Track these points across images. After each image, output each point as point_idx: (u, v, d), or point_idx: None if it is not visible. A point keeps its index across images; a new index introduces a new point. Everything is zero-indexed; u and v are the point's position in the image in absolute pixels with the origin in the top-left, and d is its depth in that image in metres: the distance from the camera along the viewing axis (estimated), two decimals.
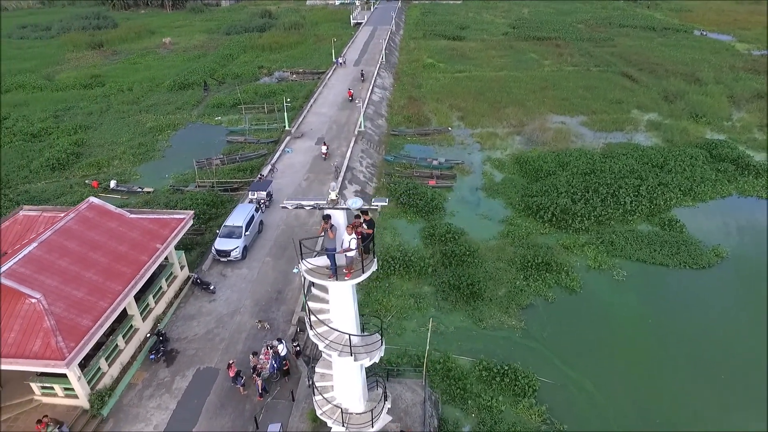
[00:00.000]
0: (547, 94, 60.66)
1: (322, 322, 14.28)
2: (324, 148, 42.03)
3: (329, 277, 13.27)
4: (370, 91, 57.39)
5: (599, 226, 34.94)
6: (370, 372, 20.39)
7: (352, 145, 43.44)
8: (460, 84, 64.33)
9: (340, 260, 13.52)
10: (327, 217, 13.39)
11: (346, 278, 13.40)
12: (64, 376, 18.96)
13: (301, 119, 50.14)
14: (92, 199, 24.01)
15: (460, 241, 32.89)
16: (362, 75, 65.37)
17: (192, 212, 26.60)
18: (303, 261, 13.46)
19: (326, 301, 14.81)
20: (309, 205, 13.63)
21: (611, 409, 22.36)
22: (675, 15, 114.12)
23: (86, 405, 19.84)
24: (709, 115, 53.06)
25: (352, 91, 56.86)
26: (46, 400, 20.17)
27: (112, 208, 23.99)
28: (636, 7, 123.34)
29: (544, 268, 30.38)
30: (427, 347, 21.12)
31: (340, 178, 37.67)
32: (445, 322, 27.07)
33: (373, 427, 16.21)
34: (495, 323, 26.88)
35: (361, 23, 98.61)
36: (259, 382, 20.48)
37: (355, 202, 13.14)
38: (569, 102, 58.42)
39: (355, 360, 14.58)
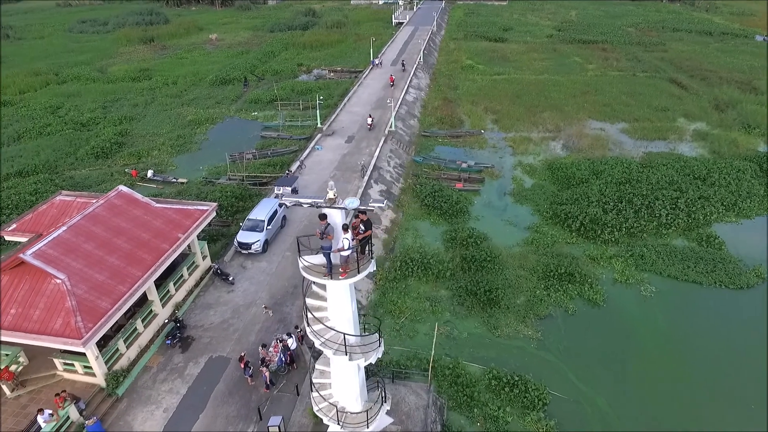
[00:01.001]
0: (587, 99, 58.83)
1: (318, 320, 14.38)
2: (369, 120, 47.38)
3: (324, 276, 13.33)
4: (404, 91, 57.30)
5: (630, 238, 33.54)
6: (372, 372, 20.49)
7: (381, 144, 43.49)
8: (497, 86, 63.27)
9: (336, 259, 13.54)
10: (323, 216, 13.46)
11: (341, 277, 13.41)
12: (84, 354, 19.90)
13: (333, 117, 50.65)
14: (121, 187, 25.10)
15: (482, 246, 32.33)
16: (403, 65, 67.88)
17: (215, 204, 27.34)
18: (300, 258, 13.58)
19: (325, 299, 14.89)
20: (307, 203, 13.74)
21: (624, 430, 21.43)
22: (736, 19, 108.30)
23: (103, 384, 20.76)
24: (763, 127, 50.00)
25: (393, 77, 61.08)
26: (67, 375, 21.25)
27: (138, 196, 25.00)
28: (693, 11, 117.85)
29: (566, 278, 29.45)
30: (433, 351, 20.89)
31: (366, 177, 37.80)
32: (459, 327, 26.69)
33: (368, 427, 16.17)
34: (510, 332, 26.27)
35: (403, 23, 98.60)
36: (267, 375, 20.84)
37: (352, 202, 13.13)
38: (611, 108, 56.45)
39: (350, 359, 14.59)
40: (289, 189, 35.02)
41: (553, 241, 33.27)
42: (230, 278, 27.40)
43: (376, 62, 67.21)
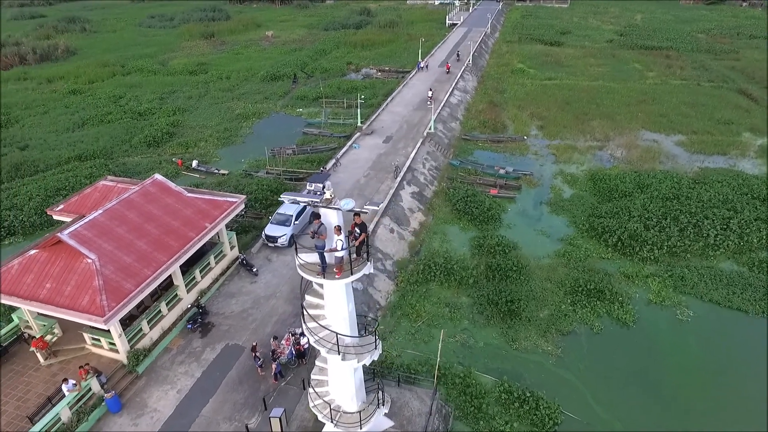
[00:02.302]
0: (642, 109, 55.97)
1: (312, 318, 14.54)
2: (430, 93, 53.58)
3: (317, 275, 13.46)
4: (448, 93, 56.71)
5: (671, 257, 31.63)
6: (376, 374, 20.45)
7: (418, 146, 43.28)
8: (546, 92, 61.39)
9: (331, 259, 13.62)
10: (316, 215, 13.59)
11: (336, 277, 13.49)
12: (109, 331, 21.12)
13: (374, 116, 50.92)
14: (157, 175, 26.39)
15: (509, 255, 31.54)
16: (458, 55, 69.70)
17: (244, 197, 28.17)
18: (296, 256, 13.78)
19: (323, 297, 15.03)
20: (304, 202, 13.90)
21: None
22: None
23: (125, 360, 21.94)
24: None
25: (449, 65, 65.86)
26: (94, 350, 22.63)
27: (171, 185, 26.19)
28: None
29: (595, 295, 28.19)
30: (439, 358, 20.58)
31: (399, 178, 37.75)
32: (476, 336, 26.16)
33: (361, 428, 16.18)
34: (529, 345, 25.46)
35: (456, 24, 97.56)
36: (273, 366, 21.29)
37: (347, 204, 13.17)
38: (667, 119, 53.45)
39: (343, 359, 14.65)
40: (321, 185, 35.83)
41: (586, 255, 31.91)
42: (254, 269, 28.18)
43: (422, 65, 66.59)
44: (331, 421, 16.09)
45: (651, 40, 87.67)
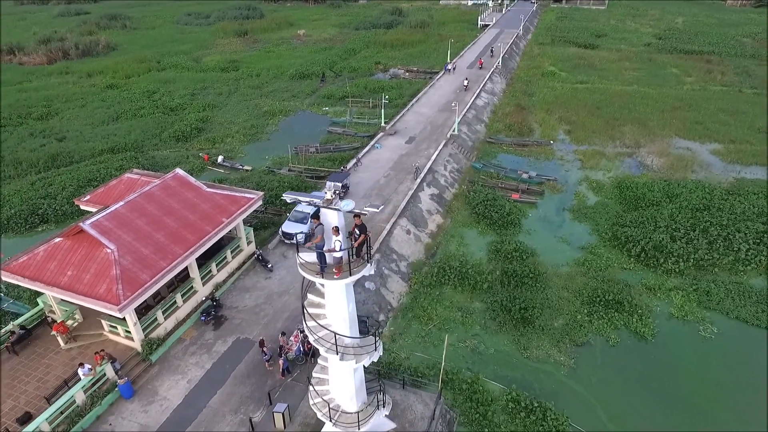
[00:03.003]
0: (677, 115, 54.06)
1: (311, 317, 14.64)
2: (465, 82, 57.56)
3: (317, 274, 13.55)
4: (475, 95, 56.13)
5: (697, 270, 30.46)
6: (382, 375, 20.43)
7: (440, 148, 43.00)
8: (577, 96, 60.00)
9: (330, 259, 13.67)
10: (315, 216, 13.67)
11: (335, 277, 13.54)
12: (124, 319, 21.80)
13: (399, 117, 50.85)
14: (178, 170, 27.07)
15: (526, 261, 31.01)
16: (491, 52, 71.07)
17: (261, 193, 28.56)
18: (297, 255, 13.89)
19: (324, 296, 15.10)
20: (305, 201, 13.98)
21: None
22: None
23: (139, 348, 22.61)
24: None
25: (482, 60, 68.00)
26: (111, 337, 23.40)
27: (192, 180, 26.81)
28: None
29: (614, 306, 27.40)
30: (443, 363, 20.38)
31: (418, 180, 37.59)
32: (486, 342, 25.81)
33: (359, 429, 16.19)
34: (540, 354, 24.96)
35: (488, 25, 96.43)
36: (280, 362, 21.54)
37: (347, 205, 13.18)
38: (703, 126, 51.48)
39: (341, 359, 14.69)
40: (340, 184, 36.12)
41: (606, 265, 31.06)
42: (269, 265, 28.57)
43: (449, 67, 65.85)
44: (330, 420, 16.17)
45: (691, 44, 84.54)
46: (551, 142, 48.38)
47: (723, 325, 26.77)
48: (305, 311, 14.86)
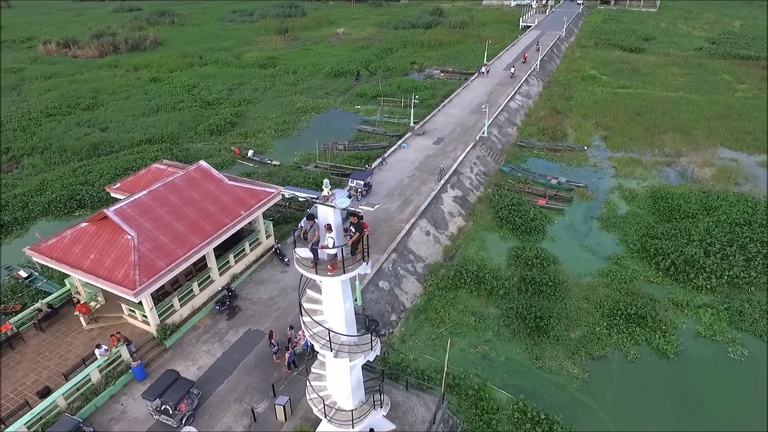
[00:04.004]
0: (725, 124, 51.31)
1: (306, 312, 14.70)
2: (512, 70, 61.90)
3: (310, 270, 13.59)
4: (509, 97, 55.06)
5: (731, 288, 28.81)
6: (379, 375, 20.34)
7: (467, 150, 42.40)
8: (617, 101, 57.88)
9: (324, 256, 13.68)
10: (311, 217, 13.78)
11: (328, 274, 13.54)
12: (141, 304, 22.57)
13: (429, 117, 50.49)
14: (202, 162, 27.81)
15: (547, 269, 30.18)
16: (538, 45, 72.14)
17: (281, 188, 28.87)
18: (294, 251, 13.97)
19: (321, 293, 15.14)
20: (303, 197, 14.04)
21: None
22: None
23: (154, 333, 23.36)
24: None
25: (527, 55, 70.24)
26: (130, 320, 24.29)
27: (214, 172, 27.48)
28: None
29: (636, 320, 26.28)
30: (446, 367, 20.06)
31: (442, 181, 37.20)
32: (498, 349, 25.27)
33: (353, 427, 16.16)
34: (554, 366, 24.22)
35: (530, 27, 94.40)
36: (287, 355, 21.78)
37: (342, 203, 13.15)
38: (753, 137, 48.69)
39: (335, 356, 14.69)
40: (362, 182, 36.15)
41: (632, 277, 29.82)
42: (286, 260, 28.95)
43: (483, 70, 64.46)
44: (325, 416, 16.21)
45: (748, 49, 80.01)
46: (585, 147, 46.87)
47: (755, 348, 25.21)
48: (302, 307, 14.95)
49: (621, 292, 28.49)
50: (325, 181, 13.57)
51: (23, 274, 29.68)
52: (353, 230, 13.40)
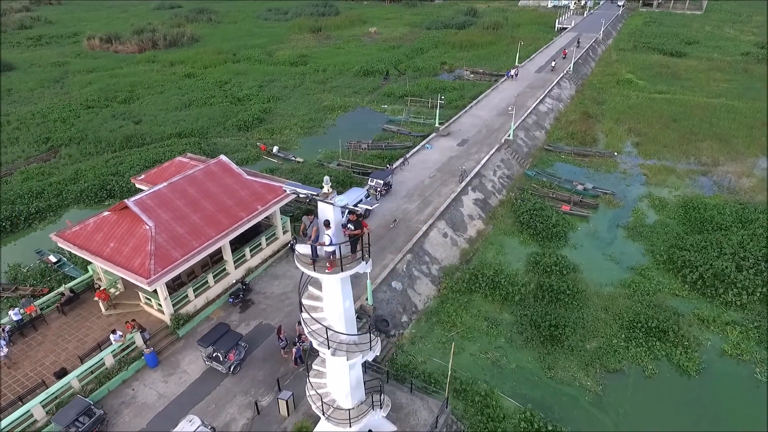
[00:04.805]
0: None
1: (305, 309, 14.69)
2: (553, 63, 64.20)
3: (309, 265, 13.58)
4: (538, 100, 53.91)
5: (763, 306, 27.33)
6: (385, 375, 20.18)
7: (492, 152, 41.72)
8: (653, 106, 55.85)
9: (322, 253, 13.64)
10: (307, 213, 13.73)
11: (326, 271, 13.49)
12: (156, 292, 23.13)
13: (455, 119, 49.96)
14: (222, 156, 28.28)
15: (566, 277, 29.37)
16: (578, 42, 73.77)
17: (283, 183, 29.05)
18: (294, 247, 13.98)
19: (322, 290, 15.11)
20: (303, 194, 14.03)
21: None
22: None
23: (168, 322, 23.90)
24: None
25: (566, 51, 71.71)
26: (146, 308, 24.94)
27: (234, 166, 27.90)
28: None
29: (657, 334, 25.27)
30: (450, 372, 19.73)
31: (463, 183, 36.71)
32: (509, 356, 24.74)
33: (350, 426, 16.08)
34: (566, 376, 23.53)
35: (566, 28, 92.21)
36: (293, 350, 21.89)
37: (340, 201, 13.08)
38: None
39: (333, 354, 14.64)
40: (381, 181, 36.03)
41: (656, 289, 28.70)
42: None
43: (512, 73, 62.90)
44: (323, 414, 16.19)
45: None
46: (615, 153, 45.44)
47: None
48: (302, 303, 14.96)
49: (643, 304, 27.45)
50: (326, 178, 13.51)
51: (53, 259, 30.95)
52: (351, 227, 13.31)
